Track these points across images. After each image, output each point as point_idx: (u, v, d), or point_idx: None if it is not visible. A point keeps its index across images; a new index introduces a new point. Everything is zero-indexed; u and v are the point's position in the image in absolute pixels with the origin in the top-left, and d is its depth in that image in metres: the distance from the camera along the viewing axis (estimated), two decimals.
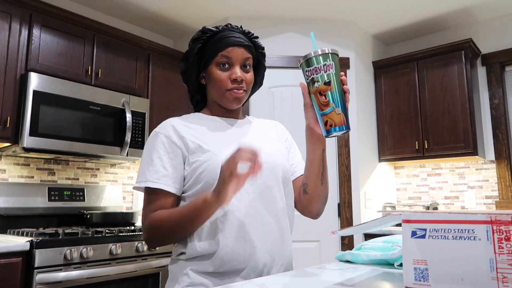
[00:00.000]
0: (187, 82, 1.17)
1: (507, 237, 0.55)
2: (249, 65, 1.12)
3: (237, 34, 1.11)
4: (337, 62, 0.93)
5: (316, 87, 0.92)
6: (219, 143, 1.07)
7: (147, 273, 2.31)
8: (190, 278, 1.00)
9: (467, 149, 2.94)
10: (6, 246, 1.85)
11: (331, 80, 0.91)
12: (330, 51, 0.92)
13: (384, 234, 2.68)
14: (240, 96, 1.10)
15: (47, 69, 2.42)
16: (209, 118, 1.15)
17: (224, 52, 1.08)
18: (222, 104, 1.13)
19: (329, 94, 0.91)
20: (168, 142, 1.06)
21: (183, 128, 1.09)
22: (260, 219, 1.03)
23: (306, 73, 0.94)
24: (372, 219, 0.83)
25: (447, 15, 3.25)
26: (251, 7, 3.10)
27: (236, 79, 1.08)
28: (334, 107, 0.90)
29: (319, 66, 0.91)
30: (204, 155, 1.03)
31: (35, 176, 2.66)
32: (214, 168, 1.00)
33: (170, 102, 3.12)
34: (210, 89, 1.14)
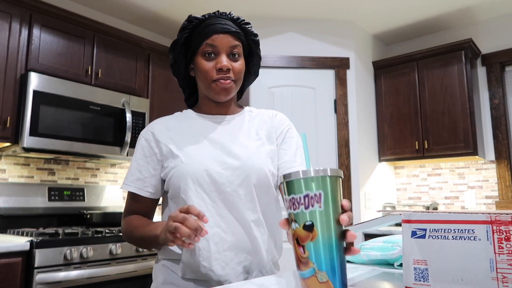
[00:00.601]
0: (176, 75, 1.12)
1: (507, 237, 0.55)
2: (238, 53, 1.04)
3: (223, 21, 1.04)
4: (335, 189, 0.59)
5: (293, 229, 0.59)
6: (193, 147, 1.02)
7: (147, 273, 2.31)
8: (164, 276, 1.03)
9: (467, 149, 2.94)
10: (6, 246, 1.84)
11: (316, 223, 0.57)
12: (322, 173, 0.58)
13: (384, 234, 2.68)
14: (228, 86, 1.02)
15: (47, 69, 2.42)
16: (195, 117, 1.10)
17: (208, 41, 1.01)
18: (210, 97, 1.07)
19: (310, 247, 0.57)
20: (146, 146, 1.06)
21: (162, 131, 1.07)
22: (230, 230, 0.98)
23: (285, 202, 0.62)
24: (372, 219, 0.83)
25: (447, 15, 3.25)
26: (251, 7, 3.10)
27: (221, 68, 1.00)
28: (316, 269, 0.57)
29: (298, 197, 0.58)
30: (174, 161, 1.01)
31: (35, 176, 2.66)
32: (178, 176, 0.99)
33: (170, 102, 3.12)
34: (198, 81, 1.08)
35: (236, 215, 0.99)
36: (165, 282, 1.02)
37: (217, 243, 0.96)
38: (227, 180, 0.99)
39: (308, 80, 3.18)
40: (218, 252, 0.96)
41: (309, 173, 0.58)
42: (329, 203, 0.58)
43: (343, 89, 3.18)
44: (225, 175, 0.99)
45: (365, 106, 3.32)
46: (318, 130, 3.11)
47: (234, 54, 1.04)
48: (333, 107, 3.16)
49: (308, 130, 3.09)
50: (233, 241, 0.98)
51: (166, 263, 1.04)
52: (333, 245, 0.57)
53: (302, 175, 0.58)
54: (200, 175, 0.98)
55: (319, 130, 3.11)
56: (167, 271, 1.03)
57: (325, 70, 3.21)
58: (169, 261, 1.04)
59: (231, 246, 0.97)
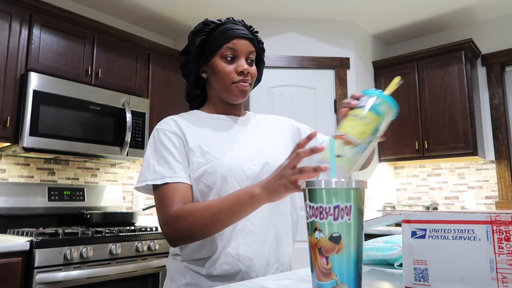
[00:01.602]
0: (186, 77, 1.13)
1: (507, 237, 0.55)
2: (253, 59, 1.09)
3: (240, 27, 1.08)
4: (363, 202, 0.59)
5: (317, 239, 0.58)
6: (220, 144, 1.05)
7: (147, 273, 2.31)
8: (186, 278, 1.01)
9: (467, 149, 2.94)
10: (6, 246, 1.85)
11: (343, 235, 0.56)
12: (354, 185, 0.57)
13: (384, 234, 2.68)
14: (246, 89, 1.07)
15: (47, 69, 2.42)
16: (210, 117, 1.11)
17: (229, 44, 1.05)
18: (225, 98, 1.09)
19: (334, 259, 0.56)
20: (174, 136, 1.03)
21: (185, 125, 1.06)
22: (259, 224, 1.01)
23: (307, 208, 0.60)
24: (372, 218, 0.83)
25: (447, 15, 3.25)
26: (251, 7, 3.10)
27: (243, 71, 1.05)
28: (339, 281, 0.56)
29: (328, 207, 0.57)
30: (204, 156, 1.01)
31: (35, 176, 2.66)
32: (214, 172, 0.99)
33: (170, 102, 3.12)
34: (214, 83, 1.09)
35: (267, 210, 1.03)
36: (188, 284, 1.01)
37: (245, 235, 1.00)
38: (258, 175, 1.03)
39: (308, 80, 3.18)
40: (246, 243, 0.99)
41: (342, 184, 0.57)
42: (356, 215, 0.57)
43: (343, 89, 3.18)
44: (257, 170, 1.04)
45: None
46: (318, 130, 3.10)
47: (250, 59, 1.09)
48: (333, 107, 3.16)
49: None
50: (260, 234, 1.01)
51: (188, 265, 1.03)
52: (357, 258, 0.57)
53: (334, 185, 0.57)
54: (236, 171, 1.01)
55: (319, 130, 3.09)
56: (190, 273, 1.02)
57: (325, 70, 3.21)
58: (191, 263, 1.03)
59: (259, 239, 1.01)
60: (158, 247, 2.39)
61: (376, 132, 0.78)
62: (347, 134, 0.75)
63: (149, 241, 2.36)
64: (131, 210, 3.13)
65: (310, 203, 0.59)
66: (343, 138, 0.75)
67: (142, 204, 3.18)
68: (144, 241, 2.33)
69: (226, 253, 0.98)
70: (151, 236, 2.39)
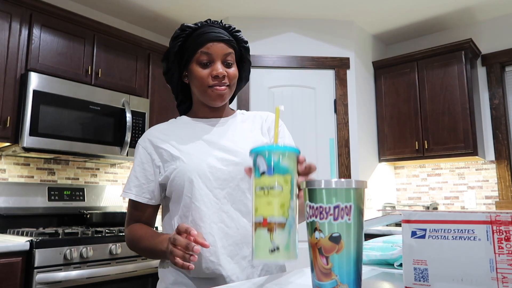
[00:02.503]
0: (170, 82, 1.15)
1: (507, 237, 0.55)
2: (231, 61, 1.08)
3: (216, 29, 1.07)
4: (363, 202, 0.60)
5: (316, 238, 0.58)
6: (191, 148, 1.05)
7: (147, 273, 2.31)
8: (173, 277, 1.04)
9: (467, 149, 2.95)
10: (6, 246, 1.85)
11: (343, 235, 0.57)
12: (355, 184, 0.58)
13: (384, 234, 2.68)
14: (223, 92, 1.06)
15: (47, 69, 2.42)
16: (190, 122, 1.13)
17: (203, 49, 1.04)
18: (205, 102, 1.10)
19: (334, 259, 0.57)
20: (144, 153, 1.09)
21: (159, 137, 1.09)
22: (234, 225, 1.01)
23: (307, 208, 0.61)
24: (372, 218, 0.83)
25: (447, 15, 3.25)
26: (251, 7, 3.10)
27: (217, 75, 1.04)
28: (338, 281, 0.56)
29: (328, 207, 0.58)
30: (175, 163, 1.04)
31: (35, 176, 2.66)
32: (182, 176, 1.01)
33: (170, 102, 3.12)
34: (193, 88, 1.11)
35: (240, 210, 1.02)
36: (175, 283, 1.03)
37: (222, 238, 1.00)
38: (229, 176, 1.02)
39: (308, 80, 3.18)
40: (223, 247, 0.99)
41: (342, 184, 0.58)
42: (356, 215, 0.58)
43: (343, 89, 3.18)
44: (227, 171, 1.03)
45: (365, 106, 3.32)
46: (318, 130, 3.11)
47: (228, 62, 1.07)
48: (333, 107, 3.16)
49: (308, 130, 3.09)
50: (237, 236, 1.01)
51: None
52: (357, 258, 0.58)
53: (334, 185, 0.58)
54: (202, 173, 1.01)
55: (319, 130, 3.11)
56: (176, 272, 1.04)
57: (325, 70, 3.21)
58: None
59: (236, 241, 1.00)
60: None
61: (293, 192, 0.68)
62: (266, 217, 0.65)
63: None
64: None
65: (310, 203, 0.60)
66: (266, 225, 0.65)
67: None
68: None
69: (206, 258, 0.98)
70: None
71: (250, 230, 0.99)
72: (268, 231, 0.64)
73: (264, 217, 0.65)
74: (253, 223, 0.67)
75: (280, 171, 0.66)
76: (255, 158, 0.68)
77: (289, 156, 0.68)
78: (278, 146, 0.68)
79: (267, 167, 0.66)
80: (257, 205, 0.67)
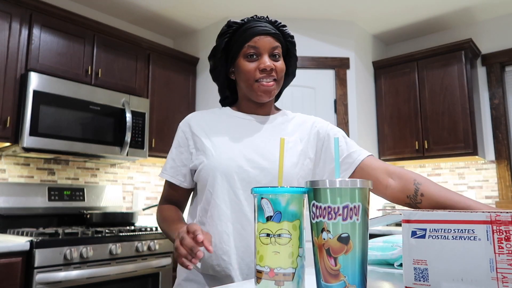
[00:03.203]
0: (217, 80, 1.14)
1: (507, 237, 0.55)
2: (278, 54, 1.07)
3: (263, 24, 1.07)
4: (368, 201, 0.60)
5: (324, 239, 0.57)
6: (225, 142, 1.05)
7: (147, 273, 2.31)
8: (186, 273, 1.06)
9: (467, 149, 2.94)
10: (6, 246, 1.85)
11: (352, 236, 0.56)
12: (361, 184, 0.57)
13: (384, 234, 2.68)
14: (270, 88, 1.04)
15: (47, 69, 2.42)
16: (233, 114, 1.12)
17: (250, 43, 1.04)
18: (252, 97, 1.08)
19: (343, 259, 0.56)
20: (182, 136, 1.11)
21: (198, 124, 1.10)
22: (250, 229, 1.00)
23: (313, 208, 0.59)
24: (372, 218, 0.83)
25: (447, 15, 3.25)
26: (251, 7, 3.10)
27: (265, 68, 1.03)
28: (347, 283, 0.55)
29: (336, 207, 0.56)
30: (204, 154, 1.04)
31: (35, 176, 2.66)
32: (208, 169, 1.02)
33: (170, 102, 3.12)
34: (240, 83, 1.09)
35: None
36: (187, 279, 1.05)
37: (236, 239, 1.00)
38: (254, 180, 1.01)
39: (308, 80, 3.18)
40: (236, 247, 0.99)
41: (351, 184, 0.57)
42: (364, 215, 0.58)
43: (343, 89, 3.18)
44: (253, 174, 1.01)
45: (365, 106, 3.32)
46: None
47: (275, 55, 1.06)
48: (333, 107, 3.16)
49: None
50: (251, 239, 0.99)
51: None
52: (365, 259, 0.57)
53: (340, 184, 0.57)
54: (228, 172, 1.01)
55: None
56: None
57: (325, 70, 3.21)
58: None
59: (250, 244, 1.00)
60: (158, 247, 2.39)
61: (302, 238, 0.62)
62: (273, 268, 0.60)
63: (149, 241, 2.36)
64: (131, 210, 3.13)
65: (317, 203, 0.58)
66: (273, 277, 0.60)
67: (142, 204, 3.18)
68: (144, 241, 2.33)
69: (218, 256, 0.99)
70: (151, 236, 2.39)
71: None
72: (275, 284, 0.60)
73: (271, 268, 0.60)
74: (257, 271, 0.62)
75: (289, 217, 0.60)
76: (259, 199, 0.62)
77: (298, 199, 0.62)
78: (285, 188, 0.62)
79: (274, 213, 0.61)
80: (262, 253, 0.61)
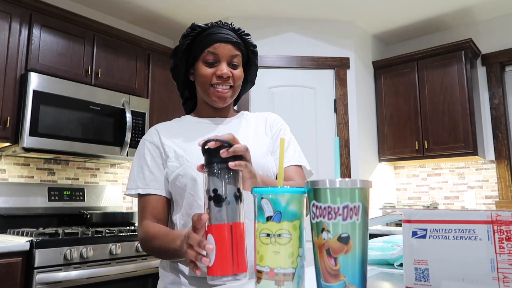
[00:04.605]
0: (176, 79, 1.16)
1: (507, 237, 0.55)
2: (237, 63, 1.09)
3: (225, 31, 1.08)
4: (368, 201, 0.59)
5: (324, 239, 0.57)
6: (196, 147, 1.05)
7: (147, 273, 2.31)
8: (172, 277, 1.05)
9: (467, 149, 2.95)
10: (6, 246, 1.84)
11: (353, 236, 0.56)
12: (361, 184, 0.57)
13: (384, 234, 2.68)
14: (225, 94, 1.07)
15: (47, 69, 2.42)
16: (194, 121, 1.15)
17: (210, 49, 1.06)
18: (208, 102, 1.12)
19: (343, 259, 0.56)
20: (152, 147, 1.09)
21: (164, 133, 1.11)
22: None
23: (313, 209, 0.59)
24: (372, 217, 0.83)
25: (447, 15, 3.25)
26: (251, 7, 3.10)
27: (221, 75, 1.05)
28: (347, 283, 0.55)
29: (336, 207, 0.56)
30: (177, 160, 1.05)
31: (35, 176, 2.65)
32: (185, 174, 1.02)
33: (170, 102, 3.11)
34: (197, 86, 1.13)
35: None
36: (173, 282, 1.04)
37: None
38: None
39: (308, 80, 3.18)
40: None
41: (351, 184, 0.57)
42: (364, 215, 0.57)
43: (343, 89, 3.18)
44: None
45: (365, 106, 3.32)
46: (318, 130, 3.11)
47: (233, 63, 1.09)
48: (333, 107, 3.16)
49: (308, 130, 3.09)
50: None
51: (173, 264, 1.06)
52: (365, 259, 0.57)
53: (340, 184, 0.57)
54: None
55: (319, 130, 3.11)
56: (175, 272, 1.04)
57: (325, 70, 3.21)
58: (175, 262, 1.05)
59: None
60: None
61: (302, 238, 0.62)
62: (273, 268, 0.60)
63: None
64: (131, 210, 3.13)
65: (317, 203, 0.58)
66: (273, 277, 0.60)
67: None
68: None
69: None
70: None
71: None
72: (275, 284, 0.60)
73: (271, 268, 0.60)
74: (257, 271, 0.61)
75: (289, 217, 0.60)
76: (259, 199, 0.62)
77: (298, 199, 0.61)
78: (286, 188, 0.61)
79: (274, 213, 0.60)
80: (262, 253, 0.61)
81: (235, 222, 0.69)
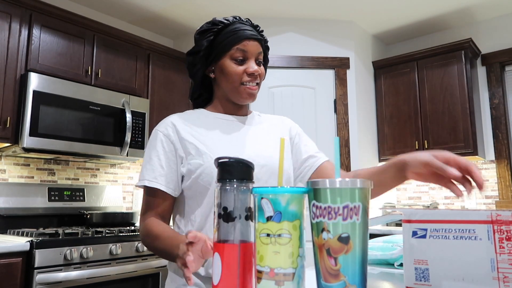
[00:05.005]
0: (193, 77, 1.13)
1: (508, 237, 0.55)
2: (261, 60, 1.09)
3: (249, 27, 1.07)
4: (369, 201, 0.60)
5: (324, 239, 0.57)
6: (219, 145, 1.04)
7: (147, 273, 2.31)
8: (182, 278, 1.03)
9: (467, 149, 2.94)
10: (6, 246, 1.84)
11: (353, 236, 0.56)
12: (361, 184, 0.58)
13: (384, 234, 2.68)
14: (255, 92, 1.07)
15: (47, 69, 2.42)
16: (214, 116, 1.11)
17: (240, 46, 1.04)
18: (233, 99, 1.09)
19: (343, 259, 0.56)
20: (166, 141, 1.05)
21: (182, 127, 1.06)
22: None
23: (313, 209, 0.60)
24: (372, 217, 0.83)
25: (447, 15, 3.25)
26: (251, 7, 3.10)
27: (253, 73, 1.05)
28: (348, 283, 0.55)
29: (336, 207, 0.57)
30: (201, 158, 1.01)
31: (35, 176, 2.65)
32: (210, 173, 0.99)
33: (170, 102, 3.11)
34: (222, 83, 1.09)
35: None
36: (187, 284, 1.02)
37: None
38: (255, 177, 1.00)
39: (308, 80, 3.18)
40: None
41: (351, 183, 0.57)
42: (364, 215, 0.58)
43: (343, 89, 3.18)
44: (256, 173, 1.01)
45: (365, 106, 3.32)
46: (318, 130, 3.11)
47: (259, 61, 1.08)
48: (333, 107, 3.16)
49: (308, 130, 3.08)
50: None
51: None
52: (364, 258, 0.57)
53: (340, 185, 0.57)
54: None
55: (319, 130, 3.11)
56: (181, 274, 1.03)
57: (325, 70, 3.21)
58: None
59: None
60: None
61: (302, 238, 0.61)
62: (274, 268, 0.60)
63: None
64: (131, 210, 3.13)
65: (317, 203, 0.58)
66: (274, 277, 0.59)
67: None
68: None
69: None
70: None
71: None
72: (275, 284, 0.59)
73: (271, 268, 0.60)
74: (257, 271, 0.61)
75: (289, 217, 0.60)
76: (259, 199, 0.62)
77: (298, 199, 0.61)
78: (286, 188, 0.61)
79: (274, 213, 0.60)
80: (262, 253, 0.61)
81: (244, 242, 0.68)
